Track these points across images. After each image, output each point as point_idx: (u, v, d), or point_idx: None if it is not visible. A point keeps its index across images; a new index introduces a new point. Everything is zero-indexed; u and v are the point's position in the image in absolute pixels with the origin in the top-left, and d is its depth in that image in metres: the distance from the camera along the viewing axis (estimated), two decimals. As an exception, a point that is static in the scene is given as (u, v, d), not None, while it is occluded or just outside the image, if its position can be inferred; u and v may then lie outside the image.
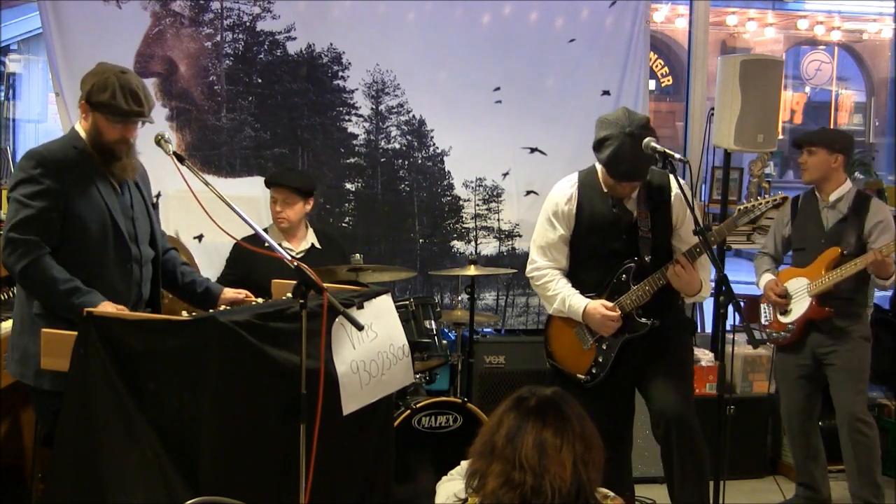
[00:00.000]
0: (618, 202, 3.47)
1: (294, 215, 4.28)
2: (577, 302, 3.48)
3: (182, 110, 4.75)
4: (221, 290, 3.27)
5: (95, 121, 2.95)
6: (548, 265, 3.56)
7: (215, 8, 4.79)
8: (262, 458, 2.71)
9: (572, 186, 3.54)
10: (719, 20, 14.52)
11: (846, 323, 4.15)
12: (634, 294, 3.43)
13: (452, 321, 4.58)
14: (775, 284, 4.28)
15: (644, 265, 3.43)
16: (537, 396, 2.17)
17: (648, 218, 3.43)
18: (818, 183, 4.26)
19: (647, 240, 3.43)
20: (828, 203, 4.23)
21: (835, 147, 4.20)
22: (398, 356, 3.11)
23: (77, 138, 2.99)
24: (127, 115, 2.93)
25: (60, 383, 2.74)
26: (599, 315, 3.43)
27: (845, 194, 4.22)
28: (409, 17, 5.08)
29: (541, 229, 3.59)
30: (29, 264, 2.81)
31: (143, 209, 3.09)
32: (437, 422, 4.01)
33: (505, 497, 2.05)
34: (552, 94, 5.26)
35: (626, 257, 3.47)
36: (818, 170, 4.22)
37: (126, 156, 3.00)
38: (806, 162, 4.26)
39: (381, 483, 3.19)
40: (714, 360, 4.86)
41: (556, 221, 3.53)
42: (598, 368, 3.52)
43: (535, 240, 3.62)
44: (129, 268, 3.01)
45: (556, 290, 3.53)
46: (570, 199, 3.52)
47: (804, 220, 4.32)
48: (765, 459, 5.02)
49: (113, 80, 2.91)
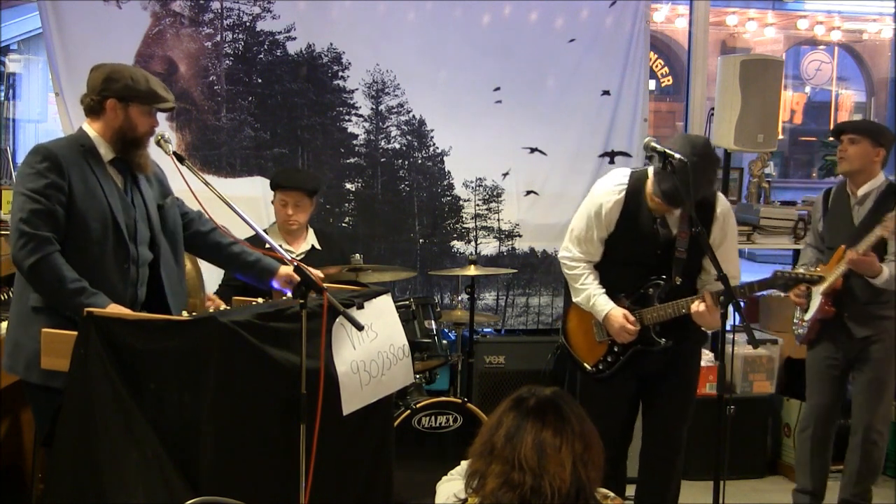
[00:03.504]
0: (661, 218, 3.44)
1: (304, 217, 4.26)
2: (602, 304, 3.49)
3: (182, 110, 4.75)
4: (279, 267, 3.20)
5: (129, 115, 2.97)
6: (581, 257, 3.56)
7: (215, 8, 4.79)
8: (262, 458, 2.71)
9: (620, 192, 3.46)
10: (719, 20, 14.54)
11: (869, 331, 4.05)
12: (656, 311, 3.44)
13: (452, 321, 4.58)
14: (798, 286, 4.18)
15: (673, 285, 3.44)
16: (537, 396, 2.17)
17: (687, 238, 3.40)
18: (853, 175, 4.11)
19: (682, 261, 3.42)
20: (857, 198, 4.10)
21: (879, 140, 4.06)
22: (398, 356, 3.11)
23: (84, 137, 3.00)
24: (165, 101, 3.00)
25: (49, 377, 2.75)
26: (618, 325, 3.44)
27: (875, 188, 4.07)
28: (409, 17, 5.08)
29: (581, 222, 3.56)
30: (39, 260, 2.81)
31: (145, 212, 3.09)
32: (437, 422, 4.01)
33: (504, 497, 2.05)
34: (552, 94, 5.26)
35: (657, 272, 3.46)
36: (858, 160, 4.05)
37: (145, 147, 3.04)
38: (846, 150, 4.08)
39: (381, 483, 3.19)
40: (714, 360, 4.86)
41: (597, 221, 3.50)
42: (604, 366, 3.56)
43: (573, 229, 3.58)
44: (127, 268, 3.00)
45: (584, 285, 3.54)
46: (615, 205, 3.47)
47: (835, 216, 4.19)
48: (765, 459, 5.02)
49: (139, 74, 3.00)
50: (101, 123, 2.99)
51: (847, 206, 4.14)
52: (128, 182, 3.07)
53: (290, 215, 4.22)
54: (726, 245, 3.44)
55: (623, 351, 3.52)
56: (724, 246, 3.44)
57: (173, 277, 3.16)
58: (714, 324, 3.37)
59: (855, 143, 4.07)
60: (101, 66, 3.02)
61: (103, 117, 2.99)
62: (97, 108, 2.99)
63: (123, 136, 2.99)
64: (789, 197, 6.02)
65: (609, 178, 3.55)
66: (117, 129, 2.98)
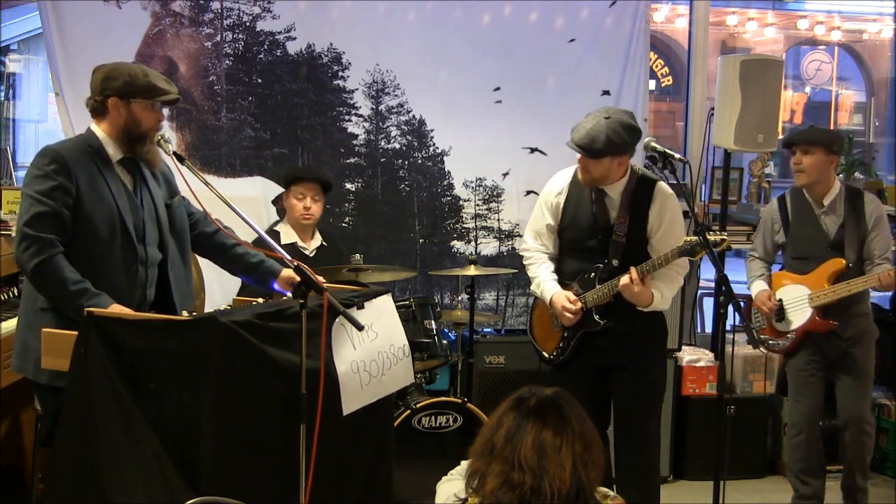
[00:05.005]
0: (599, 202, 3.53)
1: (319, 212, 4.36)
2: (548, 289, 3.63)
3: (182, 110, 4.75)
4: (281, 269, 3.22)
5: (132, 111, 2.98)
6: (536, 248, 3.73)
7: (215, 8, 4.79)
8: (262, 458, 2.71)
9: (565, 181, 3.65)
10: (719, 20, 14.52)
11: (852, 330, 4.09)
12: (596, 294, 3.52)
13: (452, 321, 4.58)
14: (767, 298, 4.19)
15: (612, 268, 3.50)
16: (537, 397, 2.17)
17: (626, 223, 3.50)
18: (812, 185, 4.10)
19: (620, 244, 3.50)
20: (823, 207, 4.10)
21: (832, 148, 4.07)
22: (398, 356, 3.11)
23: (92, 138, 3.01)
24: (167, 93, 3.01)
25: (58, 378, 2.75)
26: (560, 305, 3.56)
27: (837, 195, 4.10)
28: (409, 17, 5.08)
29: (534, 214, 3.76)
30: (42, 262, 2.81)
31: (153, 212, 3.09)
32: (437, 422, 4.01)
33: (504, 497, 2.05)
34: (552, 94, 5.26)
35: (600, 256, 3.55)
36: (816, 171, 4.05)
37: (152, 142, 3.04)
38: (801, 163, 4.06)
39: (381, 483, 3.19)
40: (714, 360, 4.86)
41: (546, 211, 3.68)
42: (558, 352, 3.68)
43: (530, 223, 3.78)
44: (135, 269, 3.00)
45: (535, 273, 3.71)
46: (560, 193, 3.64)
47: (801, 226, 4.17)
48: (765, 459, 5.02)
49: (137, 70, 3.02)
50: (107, 123, 3.01)
51: (813, 215, 4.14)
52: (137, 182, 3.07)
53: (307, 208, 4.27)
54: (663, 231, 3.50)
55: (572, 336, 3.61)
56: (661, 232, 3.50)
57: (180, 278, 3.17)
58: (644, 299, 3.44)
59: (809, 153, 4.07)
60: (101, 67, 3.04)
61: (108, 117, 3.00)
62: (100, 108, 3.00)
63: (129, 133, 3.00)
64: (789, 197, 6.01)
65: (558, 173, 3.72)
66: (122, 126, 2.99)
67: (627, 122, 3.37)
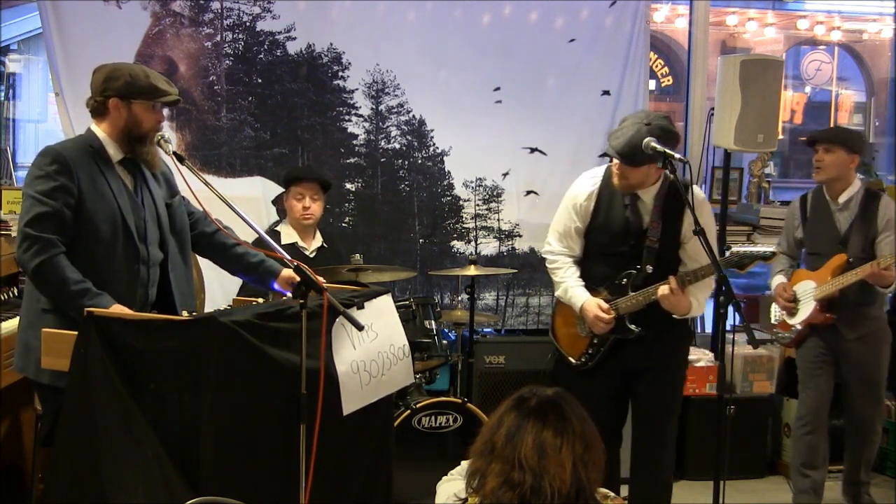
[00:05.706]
0: (632, 207, 3.47)
1: (320, 211, 4.35)
2: (578, 295, 3.55)
3: (182, 110, 4.75)
4: (281, 269, 3.21)
5: (133, 112, 2.98)
6: (562, 251, 3.63)
7: (215, 8, 4.79)
8: (262, 458, 2.70)
9: (595, 184, 3.56)
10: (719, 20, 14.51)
11: (859, 332, 4.11)
12: (629, 300, 3.47)
13: (452, 321, 4.58)
14: (784, 290, 4.25)
15: (646, 274, 3.46)
16: (538, 396, 2.17)
17: (660, 228, 3.44)
18: (830, 182, 4.18)
19: (654, 249, 3.45)
20: (838, 205, 4.17)
21: (853, 147, 4.13)
22: (398, 356, 3.11)
23: (93, 138, 3.01)
24: (168, 94, 3.01)
25: (59, 378, 2.74)
26: (592, 314, 3.49)
27: (854, 194, 4.16)
28: (409, 17, 5.08)
29: (560, 216, 3.64)
30: (43, 262, 2.81)
31: (154, 212, 3.09)
32: (437, 422, 4.01)
33: (504, 497, 2.05)
34: (552, 94, 5.26)
35: (632, 261, 3.49)
36: (835, 168, 4.13)
37: (152, 142, 3.04)
38: (822, 160, 4.15)
39: (381, 483, 3.19)
40: (714, 360, 4.86)
41: (574, 213, 3.57)
42: (586, 358, 3.60)
43: (554, 224, 3.67)
44: (137, 269, 3.00)
45: (562, 278, 3.61)
46: (590, 196, 3.55)
47: (816, 223, 4.25)
48: (765, 459, 5.03)
49: (138, 70, 3.01)
50: (107, 124, 3.01)
51: (828, 212, 4.21)
52: (137, 182, 3.07)
53: (307, 208, 4.27)
54: (696, 241, 3.39)
55: (602, 342, 3.55)
56: (695, 238, 3.41)
57: (181, 277, 3.17)
58: (682, 308, 3.40)
59: (830, 152, 4.14)
60: (102, 67, 3.04)
61: (108, 117, 3.00)
62: (101, 108, 3.00)
63: (129, 134, 3.00)
64: (789, 197, 6.00)
65: (587, 173, 3.64)
66: (122, 127, 2.99)
67: (668, 128, 3.29)
